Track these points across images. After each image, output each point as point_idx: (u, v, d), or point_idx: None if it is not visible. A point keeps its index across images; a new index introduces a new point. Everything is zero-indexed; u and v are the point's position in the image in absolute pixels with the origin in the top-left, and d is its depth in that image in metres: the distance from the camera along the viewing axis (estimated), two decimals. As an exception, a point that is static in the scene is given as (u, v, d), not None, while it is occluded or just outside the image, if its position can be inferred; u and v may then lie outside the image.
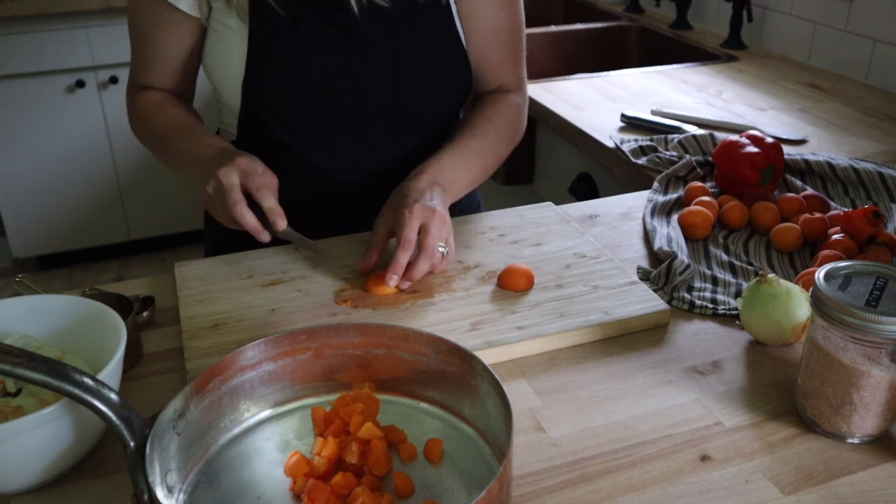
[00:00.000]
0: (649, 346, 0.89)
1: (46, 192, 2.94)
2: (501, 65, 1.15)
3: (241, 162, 0.95)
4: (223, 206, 0.94)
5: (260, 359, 0.74)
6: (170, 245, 3.27)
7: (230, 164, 0.94)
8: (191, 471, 0.68)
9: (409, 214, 0.94)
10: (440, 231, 0.95)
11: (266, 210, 0.94)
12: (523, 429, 0.77)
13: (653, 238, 1.09)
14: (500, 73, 1.16)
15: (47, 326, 0.80)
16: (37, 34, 2.69)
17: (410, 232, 0.94)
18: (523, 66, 1.19)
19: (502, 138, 1.14)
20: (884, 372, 0.72)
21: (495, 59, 1.14)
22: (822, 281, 0.73)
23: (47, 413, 0.65)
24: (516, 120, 1.17)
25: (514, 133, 1.17)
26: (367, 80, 1.06)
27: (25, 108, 2.80)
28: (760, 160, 1.18)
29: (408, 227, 0.94)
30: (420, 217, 0.95)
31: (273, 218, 0.94)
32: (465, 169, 1.07)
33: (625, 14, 2.53)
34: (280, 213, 0.94)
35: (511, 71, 1.17)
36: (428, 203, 0.96)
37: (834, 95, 1.76)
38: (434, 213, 0.95)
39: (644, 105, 1.68)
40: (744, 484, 0.70)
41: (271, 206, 0.94)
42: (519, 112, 1.18)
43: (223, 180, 0.93)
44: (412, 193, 0.98)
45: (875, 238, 1.00)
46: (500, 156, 1.15)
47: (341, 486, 0.66)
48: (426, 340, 0.74)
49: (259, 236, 0.95)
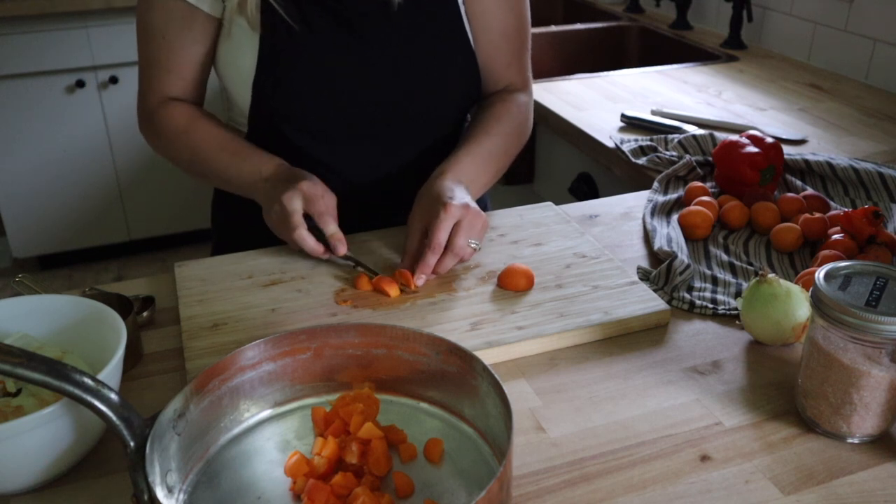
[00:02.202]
0: (649, 346, 0.89)
1: (46, 192, 2.94)
2: (509, 65, 1.15)
3: (305, 186, 0.97)
4: (285, 229, 0.97)
5: (260, 359, 0.74)
6: (170, 245, 3.27)
7: (294, 190, 0.97)
8: (191, 471, 0.68)
9: (445, 214, 0.95)
10: (473, 227, 0.97)
11: (328, 237, 0.98)
12: (523, 429, 0.77)
13: (653, 238, 1.09)
14: (508, 73, 1.16)
15: (47, 326, 0.80)
16: (37, 34, 2.69)
17: (443, 234, 0.95)
18: (529, 65, 1.19)
19: (512, 138, 1.14)
20: (884, 372, 0.72)
21: (503, 59, 1.14)
22: (822, 281, 0.73)
23: (47, 413, 0.65)
24: (524, 120, 1.17)
25: (522, 133, 1.17)
26: (376, 81, 1.06)
27: (25, 108, 2.80)
28: (760, 160, 1.18)
29: (442, 229, 0.95)
30: (455, 216, 0.96)
31: (335, 244, 0.98)
32: (483, 169, 1.08)
33: (625, 14, 2.53)
34: (341, 239, 0.98)
35: (518, 71, 1.17)
36: (461, 200, 0.97)
37: (834, 95, 1.76)
38: (468, 210, 0.97)
39: (644, 105, 1.68)
40: (744, 484, 0.70)
41: (333, 234, 0.98)
42: (527, 111, 1.18)
43: (287, 206, 0.96)
44: (444, 192, 0.98)
45: (875, 238, 1.00)
46: (510, 156, 1.15)
47: (341, 486, 0.66)
48: (426, 340, 0.74)
49: (321, 257, 0.99)
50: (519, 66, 1.17)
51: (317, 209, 0.97)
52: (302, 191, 0.97)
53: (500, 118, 1.13)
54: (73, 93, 2.83)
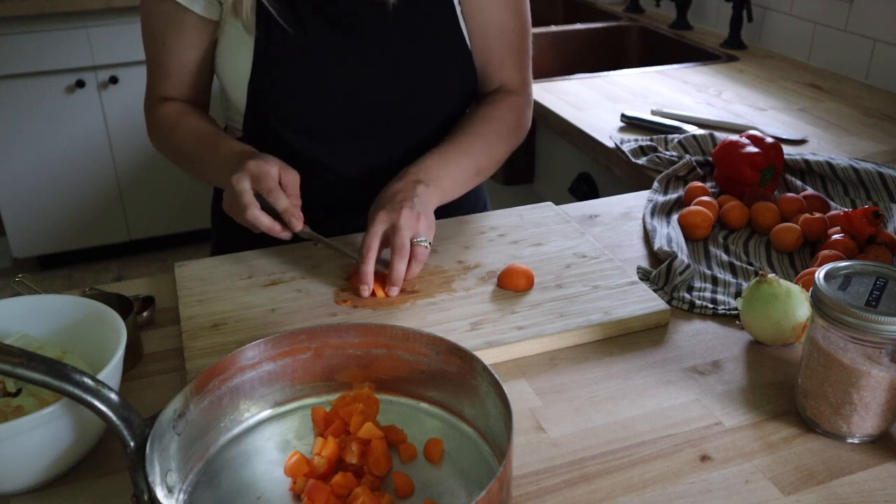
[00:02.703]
0: (649, 346, 0.89)
1: (46, 192, 2.94)
2: (502, 63, 1.15)
3: (252, 166, 0.95)
4: (238, 212, 0.95)
5: (260, 359, 0.74)
6: (170, 245, 3.27)
7: (241, 170, 0.94)
8: (191, 471, 0.68)
9: (373, 226, 0.96)
10: (410, 228, 0.95)
11: (280, 212, 0.94)
12: (523, 429, 0.77)
13: (653, 238, 1.09)
14: (501, 72, 1.16)
15: (47, 326, 0.80)
16: (37, 34, 2.69)
17: (373, 240, 0.95)
18: (528, 66, 1.18)
19: (499, 138, 1.13)
20: (884, 372, 0.72)
21: (497, 58, 1.14)
22: (822, 281, 0.73)
23: (47, 413, 0.65)
24: (515, 120, 1.16)
25: (512, 134, 1.16)
26: (372, 81, 1.06)
27: (25, 108, 2.80)
28: (760, 160, 1.18)
29: (371, 236, 0.95)
30: (384, 222, 0.96)
31: (288, 219, 0.95)
32: (455, 166, 1.07)
33: (625, 14, 2.53)
34: (294, 214, 0.95)
35: (512, 70, 1.16)
36: (396, 204, 0.97)
37: (834, 95, 1.76)
38: (400, 213, 0.95)
39: (644, 105, 1.68)
40: (744, 484, 0.70)
41: (285, 208, 0.94)
42: (520, 113, 1.17)
43: (235, 186, 0.94)
44: (380, 201, 0.99)
45: (875, 238, 1.00)
46: (495, 156, 1.14)
47: (341, 486, 0.66)
48: (426, 340, 0.74)
49: (279, 236, 0.96)
50: (514, 66, 1.16)
51: (265, 186, 0.94)
52: (249, 170, 0.94)
53: (486, 117, 1.12)
54: (73, 93, 2.83)
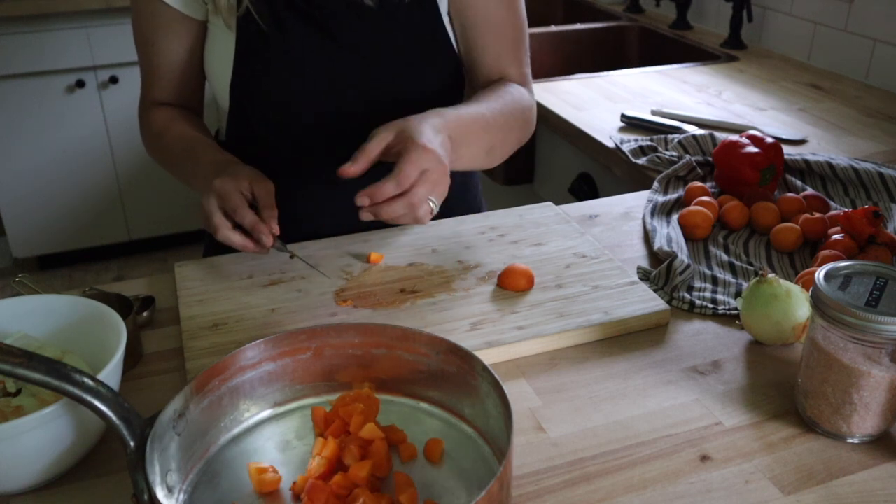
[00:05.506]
0: (649, 346, 0.89)
1: (46, 192, 2.94)
2: (500, 56, 1.13)
3: (217, 185, 0.93)
4: (213, 233, 0.92)
5: (260, 359, 0.74)
6: (170, 245, 3.27)
7: (208, 192, 0.93)
8: (191, 471, 0.68)
9: (418, 154, 0.87)
10: (437, 183, 0.89)
11: (248, 229, 0.91)
12: (523, 429, 0.77)
13: (653, 238, 1.09)
14: (499, 65, 1.13)
15: (47, 326, 0.80)
16: (37, 34, 2.69)
17: (414, 170, 0.86)
18: (527, 63, 1.17)
19: (512, 117, 1.08)
20: (884, 372, 0.72)
21: (493, 50, 1.12)
22: (822, 281, 0.73)
23: (47, 413, 0.65)
24: (526, 107, 1.12)
25: (523, 115, 1.11)
26: (348, 80, 1.05)
27: (25, 108, 2.80)
28: (760, 160, 1.18)
29: (413, 164, 0.86)
30: (428, 162, 0.87)
31: (257, 236, 0.91)
32: (473, 135, 1.01)
33: (625, 14, 2.53)
34: (262, 230, 0.91)
35: (511, 64, 1.14)
36: (441, 151, 0.89)
37: (834, 95, 1.76)
38: (441, 164, 0.89)
39: (644, 105, 1.68)
40: (744, 484, 0.70)
41: (251, 225, 0.91)
42: (529, 102, 1.13)
43: (205, 208, 0.92)
44: (426, 133, 0.90)
45: (875, 238, 1.00)
46: (507, 136, 1.08)
47: (341, 486, 0.66)
48: (426, 340, 0.74)
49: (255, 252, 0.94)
50: (512, 60, 1.14)
51: (230, 205, 0.91)
52: (215, 190, 0.92)
53: (500, 94, 1.08)
54: (73, 93, 2.83)
